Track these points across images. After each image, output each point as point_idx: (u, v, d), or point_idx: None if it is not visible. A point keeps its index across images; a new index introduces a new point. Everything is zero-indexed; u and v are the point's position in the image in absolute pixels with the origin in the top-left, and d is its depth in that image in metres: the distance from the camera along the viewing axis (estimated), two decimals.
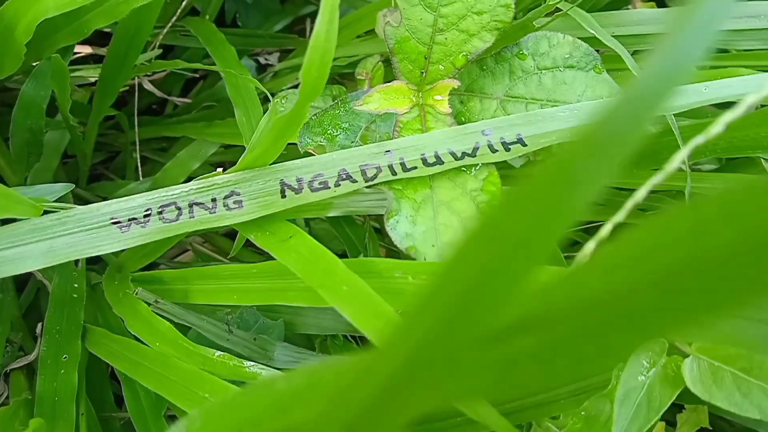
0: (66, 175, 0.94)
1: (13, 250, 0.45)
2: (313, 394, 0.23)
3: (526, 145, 0.46)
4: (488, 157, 0.46)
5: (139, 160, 0.90)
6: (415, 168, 0.46)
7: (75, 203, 0.87)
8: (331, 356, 0.66)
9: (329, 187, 0.46)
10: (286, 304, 0.49)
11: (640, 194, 0.40)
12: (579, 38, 0.60)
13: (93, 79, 0.90)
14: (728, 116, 0.35)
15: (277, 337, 0.69)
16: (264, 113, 0.68)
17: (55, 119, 0.83)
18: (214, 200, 0.46)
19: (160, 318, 0.53)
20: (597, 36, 0.57)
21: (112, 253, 0.49)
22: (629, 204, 0.40)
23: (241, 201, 0.46)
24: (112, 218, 0.45)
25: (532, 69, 0.53)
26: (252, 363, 0.48)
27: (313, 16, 1.04)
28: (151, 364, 0.53)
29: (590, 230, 0.69)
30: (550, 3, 0.52)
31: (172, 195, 0.46)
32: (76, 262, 0.66)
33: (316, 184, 0.46)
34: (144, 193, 0.46)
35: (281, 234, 0.46)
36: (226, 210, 0.46)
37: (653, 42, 0.61)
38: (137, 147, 0.90)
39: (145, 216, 0.45)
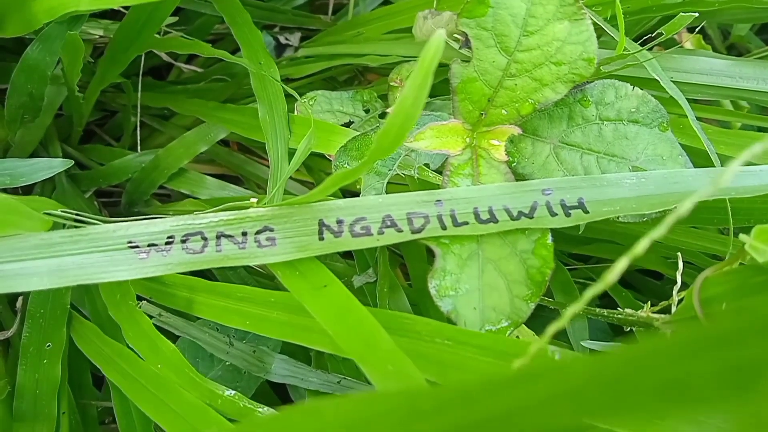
0: (57, 132, 0.88)
1: (16, 265, 0.40)
2: None
3: (587, 212, 0.43)
4: (546, 221, 0.43)
5: (138, 125, 0.85)
6: (467, 223, 0.42)
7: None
8: (329, 374, 0.63)
9: (372, 234, 0.42)
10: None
11: None
12: (630, 75, 0.56)
13: (97, 35, 0.83)
14: None
15: (274, 347, 0.65)
16: (288, 111, 0.63)
17: (52, 74, 0.76)
18: (244, 234, 0.42)
19: (165, 338, 0.49)
20: (659, 81, 0.53)
21: None
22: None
23: (274, 238, 0.42)
24: (129, 242, 0.41)
25: (593, 118, 0.49)
26: (266, 408, 0.44)
27: None
28: (149, 384, 0.49)
29: None
30: (625, 53, 0.48)
31: (199, 224, 0.41)
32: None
33: (357, 229, 0.42)
34: (167, 218, 0.41)
35: (314, 279, 0.42)
36: (257, 247, 0.41)
37: (712, 93, 0.58)
38: (138, 111, 0.84)
39: (167, 243, 0.41)
